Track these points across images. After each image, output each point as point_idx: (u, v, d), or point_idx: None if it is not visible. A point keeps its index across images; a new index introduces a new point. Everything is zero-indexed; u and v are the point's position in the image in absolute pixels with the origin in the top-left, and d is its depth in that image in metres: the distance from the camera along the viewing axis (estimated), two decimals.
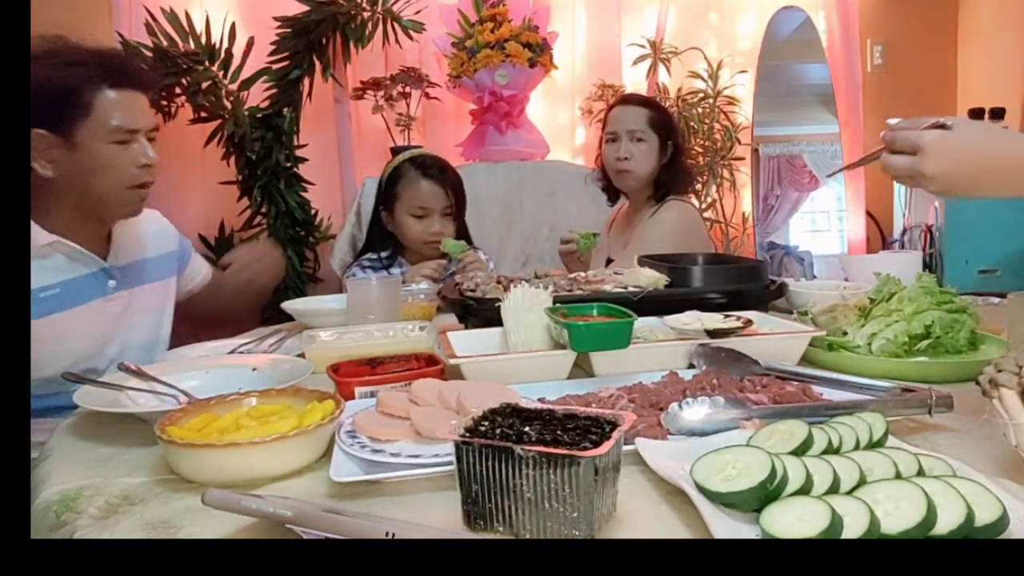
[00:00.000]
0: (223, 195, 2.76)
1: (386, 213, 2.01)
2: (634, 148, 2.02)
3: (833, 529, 0.53)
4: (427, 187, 1.95)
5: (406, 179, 1.96)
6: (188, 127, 2.71)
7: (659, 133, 2.04)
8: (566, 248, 1.99)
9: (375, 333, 1.23)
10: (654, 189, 2.08)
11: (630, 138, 2.02)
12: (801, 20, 3.43)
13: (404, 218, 1.96)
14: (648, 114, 2.05)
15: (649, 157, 2.04)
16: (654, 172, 2.06)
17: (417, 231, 1.96)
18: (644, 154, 2.03)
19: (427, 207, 1.95)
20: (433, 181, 1.95)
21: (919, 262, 1.64)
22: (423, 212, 1.95)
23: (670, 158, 2.06)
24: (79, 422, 0.97)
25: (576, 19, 3.24)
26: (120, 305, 1.39)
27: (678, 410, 0.79)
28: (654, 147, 2.04)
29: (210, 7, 2.78)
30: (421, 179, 1.95)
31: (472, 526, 0.61)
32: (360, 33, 2.68)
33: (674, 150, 2.06)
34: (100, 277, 1.36)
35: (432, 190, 1.95)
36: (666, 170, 2.06)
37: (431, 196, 1.95)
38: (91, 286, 1.34)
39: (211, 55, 2.62)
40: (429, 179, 1.95)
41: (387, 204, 2.00)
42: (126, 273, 1.42)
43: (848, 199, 3.53)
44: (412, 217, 1.95)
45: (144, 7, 2.63)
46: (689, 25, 3.33)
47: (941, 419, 0.83)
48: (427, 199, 1.95)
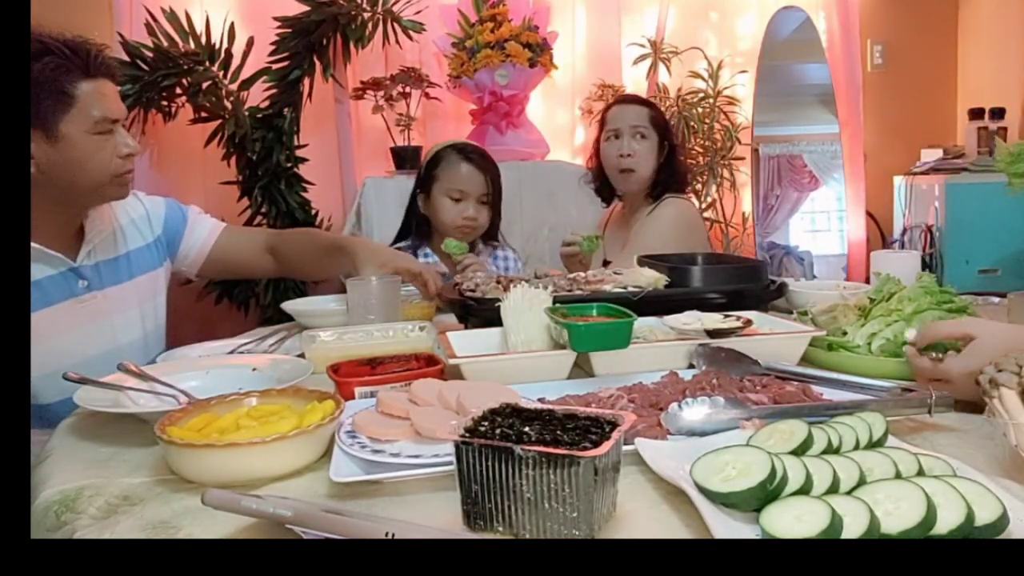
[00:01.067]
0: (223, 195, 2.76)
1: (423, 195, 2.02)
2: (637, 145, 2.01)
3: (833, 529, 0.53)
4: (467, 170, 1.97)
5: (447, 162, 1.98)
6: (188, 127, 2.71)
7: (659, 132, 2.05)
8: (569, 251, 1.98)
9: (375, 333, 1.23)
10: (651, 188, 2.08)
11: (633, 134, 2.01)
12: (801, 20, 3.43)
13: (440, 200, 1.97)
14: (649, 112, 2.06)
15: (651, 155, 2.04)
16: (654, 172, 2.06)
17: (452, 214, 1.96)
18: (647, 151, 2.03)
19: (464, 190, 1.96)
20: (473, 165, 1.98)
21: (917, 262, 1.64)
22: (460, 195, 1.96)
23: (667, 157, 2.07)
24: (79, 422, 0.97)
25: (576, 19, 3.24)
26: (95, 306, 1.35)
27: (678, 410, 0.79)
28: (655, 145, 2.04)
29: (210, 7, 2.78)
30: (462, 162, 1.98)
31: (472, 526, 0.61)
32: (360, 33, 2.68)
33: (670, 149, 2.07)
34: (69, 278, 1.32)
35: (471, 174, 1.97)
36: (663, 169, 2.06)
37: (469, 179, 1.97)
38: (59, 287, 1.31)
39: (211, 55, 2.62)
40: (469, 163, 1.98)
41: (425, 186, 2.01)
42: (100, 273, 1.38)
43: (848, 199, 3.53)
44: (449, 199, 1.97)
45: (144, 7, 2.63)
46: (689, 25, 3.33)
47: (941, 419, 0.83)
48: (465, 182, 1.97)
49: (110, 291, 1.39)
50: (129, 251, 1.46)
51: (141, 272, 1.47)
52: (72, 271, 1.33)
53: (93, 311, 1.35)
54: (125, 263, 1.44)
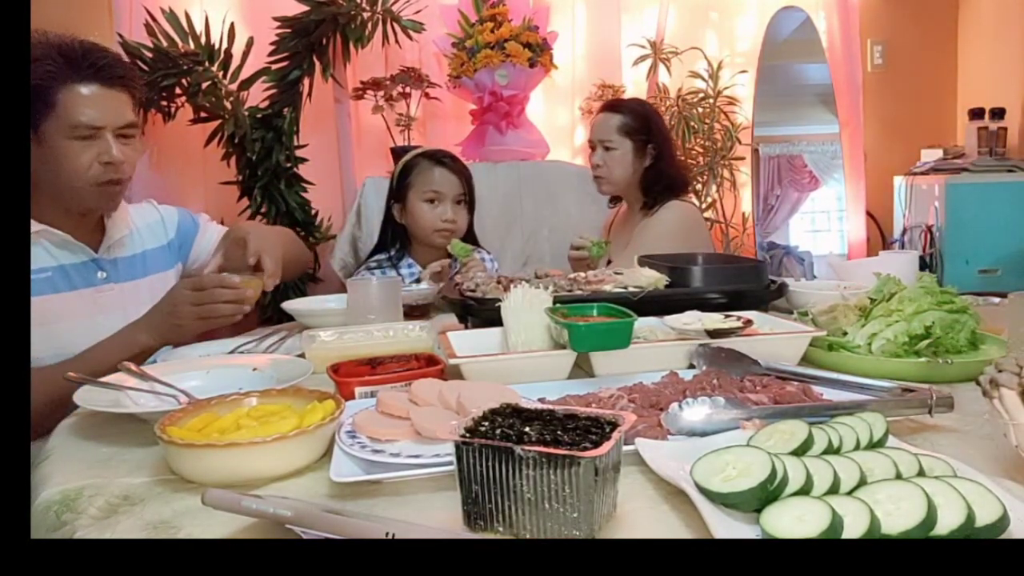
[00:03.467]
0: (223, 195, 2.76)
1: (398, 206, 2.04)
2: (606, 156, 2.08)
3: (833, 529, 0.53)
4: (440, 173, 1.99)
5: (419, 168, 2.00)
6: (188, 127, 2.71)
7: (634, 138, 2.06)
8: (578, 254, 1.99)
9: (375, 333, 1.23)
10: (643, 192, 2.10)
11: (601, 147, 2.09)
12: (801, 20, 3.43)
13: (417, 205, 1.98)
14: (618, 120, 2.08)
15: (622, 163, 2.07)
16: (632, 176, 2.08)
17: (430, 218, 1.98)
18: (616, 160, 2.08)
19: (440, 191, 1.98)
20: (446, 168, 2.00)
21: (916, 262, 1.64)
22: (436, 196, 1.98)
23: (653, 161, 2.07)
24: (79, 422, 0.97)
25: (576, 19, 3.24)
26: (111, 298, 1.40)
27: (678, 410, 0.79)
28: (627, 153, 2.07)
29: (210, 7, 2.78)
30: (434, 166, 2.00)
31: (472, 526, 0.61)
32: (360, 33, 2.68)
33: (656, 153, 2.07)
34: (90, 267, 1.39)
35: (445, 175, 1.99)
36: (650, 173, 2.07)
37: (444, 181, 1.99)
38: (80, 275, 1.37)
39: (211, 55, 2.62)
40: (442, 166, 2.00)
41: (399, 196, 2.03)
42: (117, 267, 1.44)
43: (848, 199, 3.53)
44: (426, 203, 1.98)
45: (144, 7, 2.62)
46: (689, 25, 3.33)
47: (941, 419, 0.83)
48: (440, 183, 1.98)
49: (125, 286, 1.44)
50: (145, 250, 1.51)
51: (154, 271, 1.51)
52: (94, 261, 1.40)
53: (109, 302, 1.40)
54: (141, 261, 1.49)
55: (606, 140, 2.07)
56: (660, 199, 2.07)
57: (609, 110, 2.14)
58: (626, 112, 2.11)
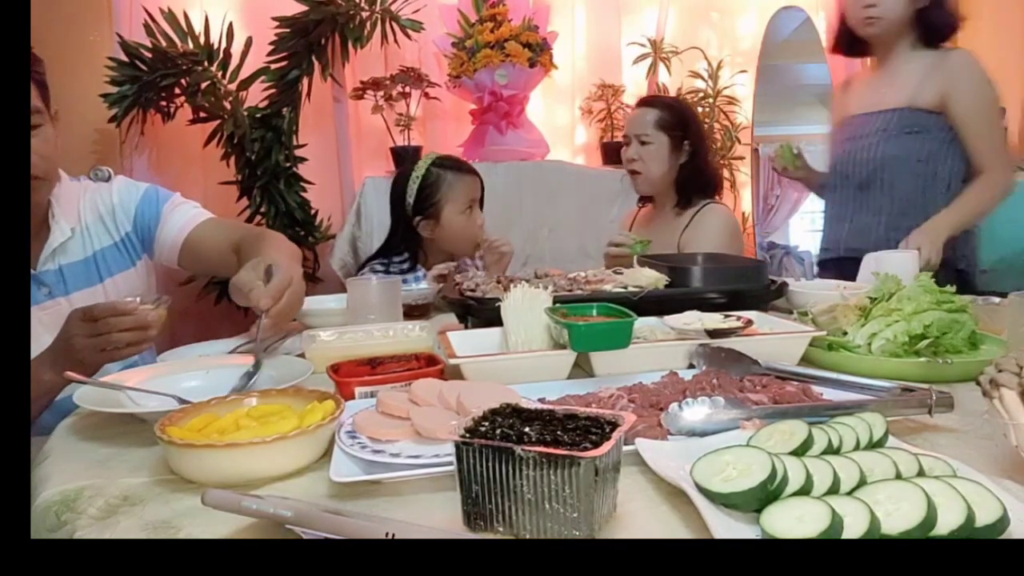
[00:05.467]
0: (223, 195, 2.76)
1: (429, 223, 1.96)
2: (641, 151, 2.06)
3: (833, 529, 0.53)
4: (470, 180, 1.99)
5: (448, 182, 1.95)
6: (187, 127, 2.71)
7: (670, 134, 2.05)
8: (618, 251, 1.92)
9: (375, 333, 1.23)
10: (677, 190, 2.09)
11: (637, 141, 2.07)
12: (801, 20, 3.43)
13: (456, 219, 1.95)
14: (656, 115, 2.06)
15: (657, 158, 2.06)
16: (668, 173, 2.07)
17: (473, 229, 1.97)
18: (651, 155, 2.06)
19: (474, 198, 1.99)
20: (471, 173, 2.01)
21: (915, 262, 1.64)
22: (471, 203, 1.98)
23: (689, 158, 2.06)
24: (79, 422, 0.96)
25: (576, 19, 3.24)
26: (58, 314, 1.24)
27: (678, 410, 0.79)
28: (662, 147, 2.05)
29: (209, 7, 2.78)
30: (462, 175, 1.98)
31: (472, 526, 0.61)
32: (359, 33, 2.68)
33: (692, 150, 2.07)
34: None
35: (474, 182, 2.00)
36: (686, 170, 2.07)
37: (475, 187, 2.00)
38: None
39: (210, 55, 2.62)
40: (467, 172, 2.00)
41: (429, 213, 1.96)
42: (63, 277, 1.33)
43: None
44: (464, 216, 1.96)
45: (143, 7, 2.62)
46: (689, 25, 3.33)
47: (941, 419, 0.83)
48: (474, 191, 1.99)
49: (77, 296, 1.33)
50: (95, 252, 1.39)
51: (114, 272, 1.41)
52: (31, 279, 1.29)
53: (57, 319, 1.19)
54: (94, 265, 1.38)
55: (642, 134, 2.05)
56: (694, 199, 2.06)
57: (646, 105, 2.13)
58: (663, 107, 2.10)
